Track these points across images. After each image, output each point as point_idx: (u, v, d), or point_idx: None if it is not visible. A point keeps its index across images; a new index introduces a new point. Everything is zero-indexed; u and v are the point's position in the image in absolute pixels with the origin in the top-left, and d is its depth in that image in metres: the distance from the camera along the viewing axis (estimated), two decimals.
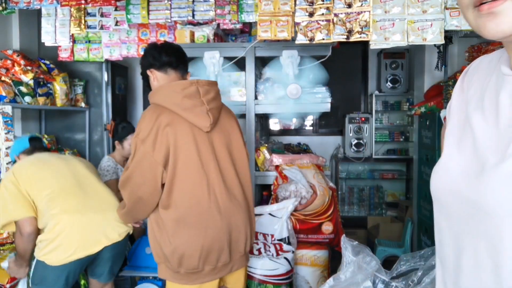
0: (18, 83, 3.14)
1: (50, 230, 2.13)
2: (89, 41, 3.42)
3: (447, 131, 0.75)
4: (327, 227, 2.69)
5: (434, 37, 2.31)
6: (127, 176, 1.79)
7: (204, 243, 1.76)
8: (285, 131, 5.70)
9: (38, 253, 2.17)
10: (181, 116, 1.77)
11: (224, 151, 1.87)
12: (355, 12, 2.28)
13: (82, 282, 2.60)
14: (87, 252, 2.17)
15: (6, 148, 2.71)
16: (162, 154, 1.73)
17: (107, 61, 3.69)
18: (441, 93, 3.51)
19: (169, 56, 1.90)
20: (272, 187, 2.87)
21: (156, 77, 1.92)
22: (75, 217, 2.17)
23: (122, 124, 3.06)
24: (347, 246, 1.64)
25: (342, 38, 2.31)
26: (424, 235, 3.74)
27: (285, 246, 2.52)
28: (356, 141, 5.13)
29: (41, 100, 3.25)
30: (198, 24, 3.12)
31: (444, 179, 0.70)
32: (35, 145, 2.54)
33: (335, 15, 2.30)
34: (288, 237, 2.55)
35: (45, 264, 2.14)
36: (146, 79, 1.97)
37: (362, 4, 2.27)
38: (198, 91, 1.79)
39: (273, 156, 2.85)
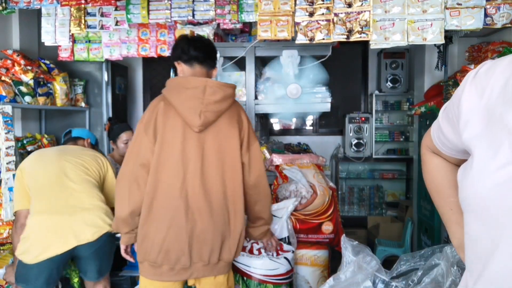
0: (18, 83, 3.14)
1: (26, 229, 2.23)
2: (89, 41, 3.42)
3: (472, 137, 0.72)
4: (327, 227, 2.69)
5: (434, 37, 2.31)
6: (125, 159, 1.85)
7: (166, 239, 1.77)
8: (285, 131, 5.70)
9: (17, 252, 2.23)
10: (177, 111, 1.80)
11: (214, 155, 1.83)
12: (355, 12, 2.28)
13: (76, 279, 2.61)
14: (55, 251, 2.19)
15: (6, 148, 2.71)
16: (155, 140, 1.81)
17: (107, 61, 3.69)
18: (441, 93, 3.51)
19: (197, 51, 1.91)
20: (272, 187, 2.87)
21: (183, 69, 1.94)
22: (42, 217, 2.23)
23: (116, 124, 3.07)
24: (347, 246, 1.64)
25: (342, 38, 2.31)
26: (424, 235, 3.74)
27: (285, 246, 2.52)
28: (356, 141, 5.12)
29: (41, 100, 3.25)
30: (198, 24, 3.12)
31: (488, 185, 0.65)
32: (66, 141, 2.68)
33: (335, 14, 2.30)
34: (288, 237, 2.55)
35: (22, 262, 2.20)
36: (175, 69, 2.00)
37: (362, 4, 2.27)
38: (203, 91, 1.78)
39: (273, 156, 2.85)
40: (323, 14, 2.31)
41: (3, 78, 3.11)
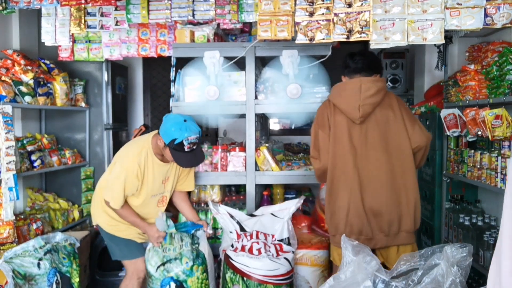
0: (18, 82, 3.14)
1: None
2: (89, 41, 3.42)
3: None
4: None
5: (434, 36, 2.31)
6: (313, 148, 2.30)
7: (348, 214, 2.13)
8: (285, 131, 5.69)
9: None
10: (340, 109, 2.18)
11: (377, 140, 2.16)
12: (355, 12, 2.28)
13: (76, 279, 2.61)
14: None
15: (6, 148, 2.70)
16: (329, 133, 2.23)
17: (107, 60, 3.69)
18: (441, 93, 3.51)
19: (355, 64, 2.27)
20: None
21: (345, 80, 2.32)
22: None
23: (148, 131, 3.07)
24: (347, 245, 1.64)
25: (342, 38, 2.31)
26: (424, 235, 3.74)
27: (285, 247, 2.52)
28: None
29: (41, 100, 3.25)
30: (198, 23, 3.12)
31: None
32: None
33: (335, 14, 2.29)
34: (288, 237, 2.55)
35: None
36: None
37: (362, 4, 2.27)
38: (359, 88, 2.13)
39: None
40: (323, 14, 2.31)
41: (3, 78, 3.11)
